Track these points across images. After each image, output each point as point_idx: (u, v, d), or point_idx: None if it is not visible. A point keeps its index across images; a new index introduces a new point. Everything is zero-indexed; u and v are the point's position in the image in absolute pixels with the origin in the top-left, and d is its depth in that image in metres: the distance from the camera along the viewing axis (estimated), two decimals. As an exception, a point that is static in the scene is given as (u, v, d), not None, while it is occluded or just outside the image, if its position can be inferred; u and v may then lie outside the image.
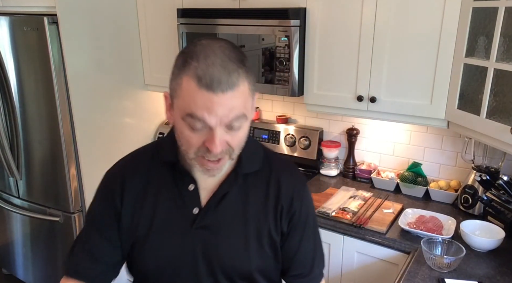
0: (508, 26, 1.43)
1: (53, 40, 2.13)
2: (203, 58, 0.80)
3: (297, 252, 1.03)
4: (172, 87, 0.85)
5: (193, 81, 0.79)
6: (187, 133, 0.83)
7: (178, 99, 0.83)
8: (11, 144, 2.51)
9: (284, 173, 1.01)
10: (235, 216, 0.96)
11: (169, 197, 0.96)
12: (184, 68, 0.81)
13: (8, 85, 2.38)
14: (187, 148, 0.86)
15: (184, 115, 0.82)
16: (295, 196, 1.00)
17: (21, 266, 2.87)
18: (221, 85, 0.78)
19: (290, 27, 1.94)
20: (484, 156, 1.87)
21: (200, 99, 0.79)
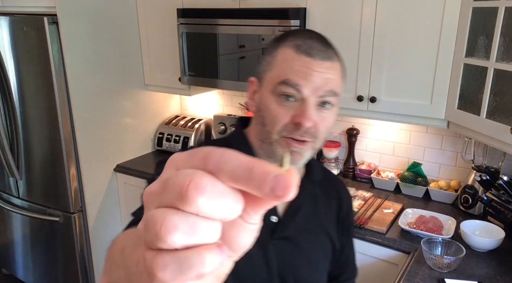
0: (508, 26, 1.43)
1: (53, 40, 2.13)
2: (300, 34, 0.81)
3: (347, 259, 1.05)
4: (264, 64, 0.83)
5: (290, 49, 0.78)
6: (274, 108, 0.79)
7: (271, 71, 0.80)
8: (11, 144, 2.51)
9: (340, 184, 1.02)
10: (310, 227, 0.93)
11: None
12: (279, 42, 0.81)
13: (8, 85, 2.38)
14: (272, 127, 0.80)
15: (277, 85, 0.78)
16: (349, 208, 1.01)
17: (21, 266, 2.87)
18: (320, 53, 0.78)
19: (290, 27, 1.94)
20: (484, 156, 1.87)
21: (298, 64, 0.77)
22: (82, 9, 2.21)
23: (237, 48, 2.14)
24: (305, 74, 0.77)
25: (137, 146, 2.69)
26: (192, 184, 0.25)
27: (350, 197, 1.04)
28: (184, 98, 2.95)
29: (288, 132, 0.79)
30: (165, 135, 2.74)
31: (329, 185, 0.99)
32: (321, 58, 0.78)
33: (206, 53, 2.24)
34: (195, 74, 2.33)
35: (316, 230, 0.94)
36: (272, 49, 0.82)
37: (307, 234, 0.92)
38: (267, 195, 0.25)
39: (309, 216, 0.93)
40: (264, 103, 0.81)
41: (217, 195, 0.26)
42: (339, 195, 0.99)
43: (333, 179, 1.03)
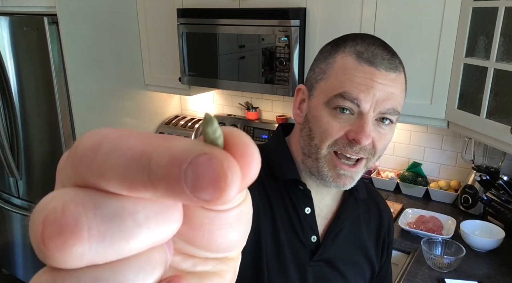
0: (508, 26, 1.43)
1: (53, 40, 2.13)
2: (361, 39, 0.71)
3: (386, 274, 0.96)
4: (317, 71, 0.73)
5: (351, 56, 0.69)
6: (327, 120, 0.69)
7: (326, 80, 0.71)
8: (11, 144, 2.51)
9: (380, 199, 0.94)
10: (351, 250, 0.84)
11: (287, 219, 0.77)
12: (337, 48, 0.71)
13: (8, 85, 2.38)
14: (322, 141, 0.70)
15: (331, 98, 0.69)
16: (391, 224, 0.93)
17: (21, 266, 2.87)
18: (385, 62, 0.69)
19: (290, 27, 1.94)
20: (484, 156, 1.87)
21: (359, 74, 0.67)
22: (82, 9, 2.21)
23: (237, 48, 2.14)
24: (367, 86, 0.67)
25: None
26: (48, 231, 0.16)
27: (390, 212, 0.94)
28: (184, 98, 2.95)
29: (341, 147, 0.70)
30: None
31: (370, 201, 0.89)
32: (385, 68, 0.68)
33: (206, 53, 2.24)
34: (195, 74, 2.33)
35: (357, 253, 0.85)
36: (327, 54, 0.72)
37: (348, 257, 0.83)
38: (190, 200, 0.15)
39: (351, 237, 0.83)
40: (314, 115, 0.72)
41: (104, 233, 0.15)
42: (379, 212, 0.90)
43: (374, 194, 0.92)
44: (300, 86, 0.77)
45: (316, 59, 0.75)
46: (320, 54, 0.75)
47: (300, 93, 0.77)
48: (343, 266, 0.82)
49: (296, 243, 0.77)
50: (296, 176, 0.78)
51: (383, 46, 0.71)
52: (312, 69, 0.75)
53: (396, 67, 0.70)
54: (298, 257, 0.77)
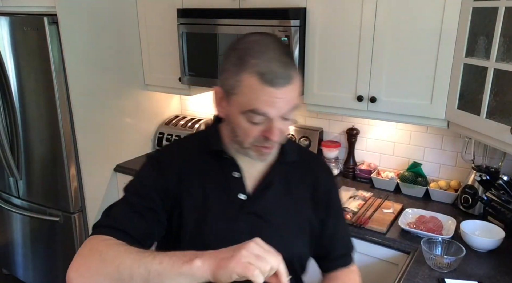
0: (508, 26, 1.43)
1: (53, 40, 2.13)
2: (261, 54, 0.85)
3: (335, 234, 1.10)
4: (229, 84, 0.88)
5: (255, 78, 0.83)
6: (246, 126, 0.89)
7: (238, 96, 0.87)
8: (11, 144, 2.51)
9: (319, 164, 1.11)
10: (280, 205, 1.01)
11: (216, 183, 0.99)
12: (242, 65, 0.85)
13: (8, 85, 2.38)
14: (244, 139, 0.91)
15: (245, 111, 0.86)
16: (329, 184, 1.09)
17: (21, 266, 2.87)
18: (281, 80, 0.84)
19: (290, 27, 1.94)
20: (484, 156, 1.87)
21: (263, 96, 0.84)
22: (82, 9, 2.21)
23: (237, 48, 2.14)
24: (271, 103, 0.85)
25: (137, 146, 2.69)
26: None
27: (330, 175, 1.11)
28: (184, 98, 2.95)
29: (259, 143, 0.91)
30: (165, 135, 2.74)
31: (305, 165, 1.07)
32: (283, 84, 0.84)
33: (206, 53, 2.24)
34: (195, 74, 2.33)
35: (288, 207, 1.02)
36: (235, 69, 0.86)
37: (279, 211, 1.00)
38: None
39: (280, 194, 1.01)
40: (234, 120, 0.90)
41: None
42: (316, 174, 1.07)
43: (310, 159, 1.11)
44: (216, 89, 0.93)
45: (225, 68, 0.90)
46: (227, 62, 0.89)
47: (218, 94, 0.93)
48: (273, 218, 0.99)
49: (224, 200, 0.98)
50: (220, 148, 0.99)
51: (281, 59, 0.85)
52: (224, 77, 0.90)
53: (292, 77, 0.86)
54: (227, 211, 0.97)
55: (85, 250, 0.85)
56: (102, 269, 0.79)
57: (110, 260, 0.79)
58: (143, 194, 0.95)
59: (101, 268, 0.79)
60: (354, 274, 1.14)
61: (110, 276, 0.78)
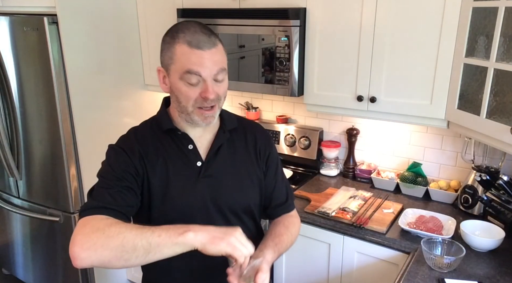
0: (508, 26, 1.43)
1: (53, 40, 2.13)
2: (187, 29, 1.06)
3: (275, 186, 1.30)
4: (167, 58, 1.09)
5: (185, 45, 1.05)
6: (185, 90, 1.08)
7: (175, 64, 1.07)
8: (11, 144, 2.51)
9: (255, 128, 1.31)
10: (229, 164, 1.21)
11: (175, 157, 1.16)
12: (174, 39, 1.07)
13: (8, 85, 2.38)
14: (186, 102, 1.09)
15: (182, 74, 1.06)
16: (267, 143, 1.29)
17: (21, 266, 2.87)
18: (206, 44, 1.05)
19: (290, 27, 1.94)
20: (484, 156, 1.87)
21: (193, 57, 1.04)
22: (82, 9, 2.21)
23: (237, 48, 2.15)
24: (201, 63, 1.05)
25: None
26: None
27: (265, 134, 1.32)
28: (184, 98, 2.95)
29: (199, 104, 1.09)
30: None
31: (244, 129, 1.27)
32: (208, 48, 1.05)
33: (206, 53, 2.24)
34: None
35: (237, 165, 1.22)
36: (169, 45, 1.08)
37: (230, 169, 1.20)
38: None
39: (228, 156, 1.21)
40: (176, 87, 1.10)
41: None
42: (254, 135, 1.28)
43: (247, 124, 1.31)
44: (159, 68, 1.14)
45: (162, 48, 1.11)
46: (163, 44, 1.11)
47: (161, 73, 1.14)
48: (226, 176, 1.19)
49: (185, 169, 1.16)
50: (173, 126, 1.17)
51: (203, 31, 1.07)
52: (162, 55, 1.11)
53: (215, 43, 1.08)
54: (188, 177, 1.16)
55: (86, 228, 0.96)
56: (108, 244, 0.92)
57: (114, 236, 0.93)
58: (118, 176, 1.10)
59: (106, 243, 0.93)
60: (294, 218, 1.33)
61: (115, 249, 0.92)
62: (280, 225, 1.27)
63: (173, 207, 1.14)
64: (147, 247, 0.92)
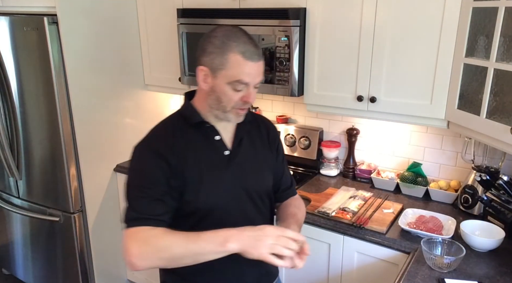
0: (508, 26, 1.43)
1: (53, 40, 2.13)
2: (237, 38, 1.15)
3: (283, 172, 1.45)
4: (217, 62, 1.15)
5: (239, 56, 1.13)
6: (231, 94, 1.18)
7: (226, 70, 1.15)
8: (11, 144, 2.51)
9: (265, 121, 1.45)
10: (251, 152, 1.33)
11: (204, 147, 1.25)
12: (226, 46, 1.14)
13: (8, 85, 2.38)
14: (227, 104, 1.19)
15: (233, 81, 1.15)
16: (276, 134, 1.45)
17: (21, 266, 2.87)
18: (256, 56, 1.16)
19: (290, 27, 1.94)
20: (484, 156, 1.87)
21: (246, 68, 1.15)
22: (82, 9, 2.21)
23: (237, 48, 2.14)
24: (251, 75, 1.16)
25: (137, 146, 2.69)
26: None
27: (273, 126, 1.46)
28: (184, 98, 2.95)
29: (238, 106, 1.21)
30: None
31: (258, 122, 1.40)
32: (257, 60, 1.16)
33: (206, 53, 2.24)
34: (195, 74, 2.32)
35: (256, 152, 1.35)
36: (220, 51, 1.14)
37: (252, 157, 1.33)
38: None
39: (248, 145, 1.33)
40: (221, 89, 1.18)
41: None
42: (266, 127, 1.41)
43: (258, 117, 1.44)
44: (202, 67, 1.18)
45: (210, 51, 1.15)
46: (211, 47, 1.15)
47: (203, 72, 1.19)
48: (249, 164, 1.31)
49: (214, 158, 1.26)
50: (201, 119, 1.25)
51: (251, 42, 1.16)
52: (210, 58, 1.16)
53: (260, 55, 1.18)
54: (218, 166, 1.26)
55: (137, 242, 1.09)
56: (159, 255, 1.08)
57: (163, 250, 1.08)
58: (154, 182, 1.16)
59: (157, 256, 1.09)
60: (299, 200, 1.49)
61: (166, 259, 1.09)
62: (292, 206, 1.41)
63: (207, 196, 1.22)
64: (194, 257, 1.09)
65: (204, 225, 1.16)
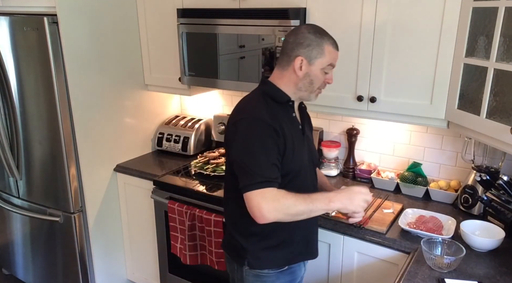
0: (508, 26, 1.43)
1: (53, 40, 2.13)
2: (325, 34, 1.45)
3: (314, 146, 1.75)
4: (315, 52, 1.42)
5: (331, 47, 1.45)
6: (322, 77, 1.46)
7: (322, 58, 1.43)
8: (11, 144, 2.51)
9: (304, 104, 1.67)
10: (308, 129, 1.64)
11: (288, 121, 1.48)
12: (321, 40, 1.43)
13: (8, 85, 2.38)
14: (317, 84, 1.48)
15: (326, 66, 1.45)
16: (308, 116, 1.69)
17: (21, 266, 2.87)
18: (338, 46, 1.49)
19: (290, 27, 1.94)
20: (484, 156, 1.87)
21: (335, 56, 1.47)
22: (82, 9, 2.21)
23: (237, 48, 2.14)
24: (336, 59, 1.48)
25: (137, 146, 2.69)
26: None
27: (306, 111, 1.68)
28: (184, 98, 2.95)
29: (322, 87, 1.51)
30: (165, 135, 2.74)
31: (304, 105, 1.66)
32: (338, 50, 1.49)
33: (206, 53, 2.24)
34: (195, 74, 2.33)
35: (310, 130, 1.68)
36: (317, 43, 1.42)
37: (309, 133, 1.65)
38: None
39: (307, 123, 1.63)
40: (315, 74, 1.45)
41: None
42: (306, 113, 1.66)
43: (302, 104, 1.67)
44: (298, 58, 1.43)
45: (308, 44, 1.42)
46: (307, 40, 1.42)
47: (301, 61, 1.43)
48: (310, 139, 1.65)
49: (296, 130, 1.52)
50: (288, 98, 1.50)
51: (330, 36, 1.47)
52: (308, 49, 1.42)
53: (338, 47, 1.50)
54: (298, 136, 1.52)
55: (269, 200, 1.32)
56: (287, 211, 1.34)
57: (290, 205, 1.34)
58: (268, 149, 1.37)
59: (286, 210, 1.34)
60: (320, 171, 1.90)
61: (290, 215, 1.36)
62: (323, 176, 1.84)
63: (298, 159, 1.48)
64: (309, 213, 1.37)
65: (293, 184, 1.46)
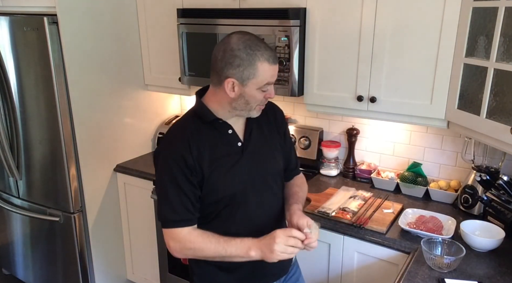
0: (508, 26, 1.43)
1: (53, 40, 2.13)
2: (258, 46, 1.26)
3: (290, 153, 1.57)
4: (246, 73, 1.26)
5: (266, 63, 1.26)
6: (259, 96, 1.31)
7: (256, 78, 1.27)
8: (11, 144, 2.51)
9: (273, 106, 1.54)
10: (262, 139, 1.45)
11: (218, 141, 1.37)
12: (253, 57, 1.25)
13: (8, 85, 2.38)
14: (254, 104, 1.33)
15: (262, 86, 1.28)
16: (283, 118, 1.56)
17: (21, 266, 2.87)
18: (275, 59, 1.30)
19: (290, 27, 1.94)
20: (484, 156, 1.87)
21: (272, 71, 1.29)
22: (82, 9, 2.21)
23: (237, 48, 2.14)
24: (274, 75, 1.31)
25: (137, 146, 2.69)
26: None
27: (280, 110, 1.57)
28: (184, 98, 2.95)
29: (262, 103, 1.35)
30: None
31: (266, 109, 1.43)
32: (276, 62, 1.31)
33: (206, 53, 2.24)
34: (195, 74, 2.33)
35: (267, 139, 1.47)
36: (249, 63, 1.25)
37: (263, 143, 1.45)
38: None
39: (259, 132, 1.45)
40: (251, 95, 1.30)
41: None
42: (274, 111, 1.52)
43: (271, 106, 1.52)
44: (229, 80, 1.27)
45: (238, 64, 1.25)
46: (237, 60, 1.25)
47: (231, 83, 1.28)
48: (261, 150, 1.44)
49: (229, 149, 1.38)
50: (213, 117, 1.36)
51: (267, 46, 1.29)
52: (239, 70, 1.26)
53: (276, 57, 1.32)
54: (232, 156, 1.38)
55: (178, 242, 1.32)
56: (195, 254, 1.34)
57: (199, 250, 1.32)
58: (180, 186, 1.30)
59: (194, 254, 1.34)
60: (302, 178, 1.65)
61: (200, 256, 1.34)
62: (294, 186, 1.58)
63: (225, 184, 1.36)
64: (222, 259, 1.32)
65: (231, 208, 1.38)
